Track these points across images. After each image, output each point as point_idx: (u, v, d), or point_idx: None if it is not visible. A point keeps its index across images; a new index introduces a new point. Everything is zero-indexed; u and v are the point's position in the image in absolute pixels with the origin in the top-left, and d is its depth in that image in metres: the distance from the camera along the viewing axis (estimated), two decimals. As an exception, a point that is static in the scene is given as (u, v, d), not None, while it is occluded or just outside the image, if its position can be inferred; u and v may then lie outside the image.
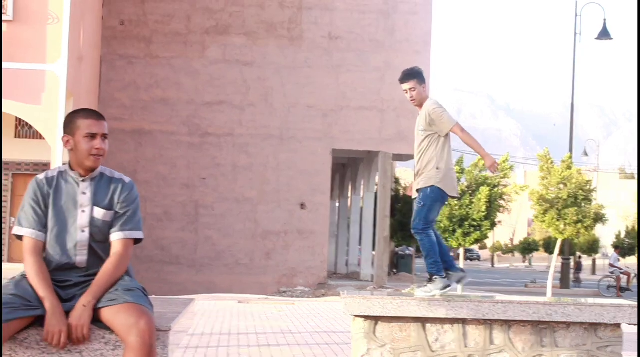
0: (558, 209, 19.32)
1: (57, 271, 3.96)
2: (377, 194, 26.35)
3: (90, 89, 22.50)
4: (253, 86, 24.49)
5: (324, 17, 24.83)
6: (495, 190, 18.96)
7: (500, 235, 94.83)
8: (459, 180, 18.72)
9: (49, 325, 3.71)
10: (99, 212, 4.02)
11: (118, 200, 4.06)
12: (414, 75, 6.00)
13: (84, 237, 3.99)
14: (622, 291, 29.02)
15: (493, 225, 19.29)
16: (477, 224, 18.71)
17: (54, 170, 4.13)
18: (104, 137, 4.05)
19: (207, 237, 24.13)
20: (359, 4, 24.92)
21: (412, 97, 6.03)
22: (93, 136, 4.01)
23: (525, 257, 78.30)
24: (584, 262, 55.77)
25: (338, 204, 34.66)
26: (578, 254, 46.29)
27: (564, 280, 32.15)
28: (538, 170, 20.50)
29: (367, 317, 5.42)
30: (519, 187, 20.06)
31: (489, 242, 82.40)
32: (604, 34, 29.92)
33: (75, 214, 4.00)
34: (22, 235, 3.97)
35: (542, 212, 19.60)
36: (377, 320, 5.43)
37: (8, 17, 17.63)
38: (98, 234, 4.02)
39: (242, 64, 24.51)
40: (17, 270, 4.38)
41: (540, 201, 19.56)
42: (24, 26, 17.83)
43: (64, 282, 3.94)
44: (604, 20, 30.32)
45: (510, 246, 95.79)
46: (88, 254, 4.00)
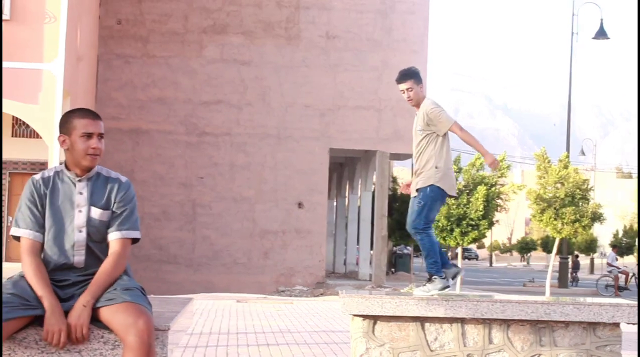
0: (555, 208, 19.34)
1: (55, 271, 3.95)
2: (374, 193, 26.35)
3: (87, 88, 22.47)
4: (250, 85, 24.48)
5: (322, 17, 24.82)
6: (493, 189, 18.95)
7: (498, 234, 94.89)
8: (457, 179, 18.70)
9: (48, 324, 3.70)
10: (96, 212, 4.01)
11: (115, 200, 4.05)
12: (411, 75, 5.99)
13: (81, 237, 3.98)
14: (620, 290, 29.04)
15: (491, 224, 19.28)
16: (474, 223, 18.69)
17: (50, 170, 4.12)
18: (100, 137, 4.04)
19: (204, 237, 24.12)
20: (356, 3, 24.92)
21: (409, 97, 6.02)
22: (89, 136, 4.00)
23: (523, 257, 78.38)
24: (582, 262, 55.76)
25: (336, 203, 34.65)
26: (575, 252, 46.26)
27: (562, 279, 32.17)
28: (535, 169, 20.50)
29: (365, 317, 5.42)
30: (517, 187, 20.04)
31: (487, 242, 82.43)
32: (601, 33, 29.96)
33: (72, 214, 3.99)
34: (19, 236, 3.97)
35: (539, 212, 19.61)
36: (375, 319, 5.43)
37: (5, 17, 17.62)
38: (95, 233, 4.01)
39: (239, 63, 24.50)
40: (15, 269, 4.36)
41: (538, 200, 19.57)
42: (21, 25, 17.82)
43: (62, 282, 3.93)
44: (601, 19, 30.36)
45: (508, 245, 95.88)
46: (86, 254, 3.99)
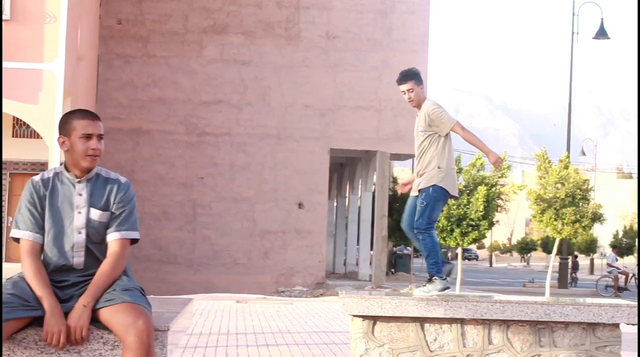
0: (556, 208, 19.32)
1: (54, 272, 3.95)
2: (374, 193, 26.34)
3: (88, 88, 22.47)
4: (250, 85, 24.48)
5: (322, 17, 24.82)
6: (493, 189, 18.93)
7: (498, 234, 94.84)
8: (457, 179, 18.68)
9: (48, 325, 3.70)
10: (95, 213, 4.01)
11: (114, 200, 4.05)
12: (412, 76, 5.99)
13: (81, 239, 3.98)
14: (620, 291, 29.01)
15: (491, 224, 19.26)
16: (475, 223, 18.68)
17: (50, 171, 4.11)
18: (100, 138, 4.04)
19: (204, 237, 24.11)
20: (357, 3, 24.92)
21: (410, 98, 6.03)
22: (89, 137, 3.99)
23: (523, 257, 78.35)
24: (582, 262, 55.77)
25: (336, 203, 34.65)
26: (575, 253, 46.25)
27: (562, 280, 32.15)
28: (535, 169, 20.47)
29: (365, 317, 5.42)
30: (517, 187, 20.02)
31: (487, 242, 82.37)
32: (601, 33, 29.94)
33: (72, 215, 3.99)
34: (19, 237, 3.96)
35: (539, 212, 19.58)
36: (375, 320, 5.43)
37: (5, 17, 17.61)
38: (95, 235, 4.01)
39: (239, 63, 24.50)
40: (15, 270, 4.36)
41: (538, 201, 19.55)
42: (22, 25, 17.81)
43: (62, 283, 3.93)
44: (601, 19, 30.34)
45: (508, 246, 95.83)
46: (85, 255, 3.99)
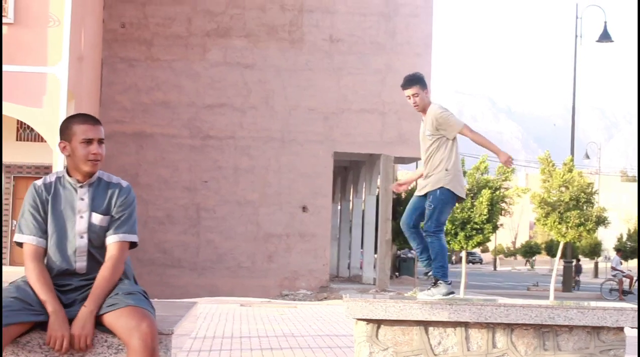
0: (560, 212, 19.31)
1: (57, 277, 3.95)
2: (378, 197, 26.32)
3: (91, 91, 22.49)
4: (254, 89, 24.48)
5: (325, 20, 24.82)
6: (497, 193, 18.93)
7: (502, 238, 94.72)
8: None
9: (52, 329, 3.70)
10: (97, 218, 4.00)
11: (115, 204, 4.05)
12: (417, 80, 6.00)
13: (83, 243, 3.98)
14: (624, 294, 28.94)
15: (495, 228, 19.26)
16: (479, 227, 18.68)
17: (52, 175, 4.11)
18: (101, 142, 4.04)
19: (208, 240, 24.11)
20: (360, 6, 24.92)
21: (415, 103, 6.03)
22: (89, 141, 3.99)
23: (528, 260, 78.24)
24: (586, 266, 55.66)
25: (340, 207, 34.62)
26: (579, 257, 46.20)
27: (566, 283, 32.11)
28: (539, 173, 20.47)
29: (369, 321, 5.41)
30: (521, 190, 20.02)
31: (491, 245, 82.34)
32: (605, 36, 29.91)
33: (74, 220, 3.99)
34: (23, 242, 3.96)
35: (544, 215, 19.58)
36: (379, 323, 5.42)
37: (9, 20, 17.62)
38: (96, 239, 4.00)
39: (243, 66, 24.50)
40: (18, 273, 4.36)
41: (542, 204, 19.54)
42: (25, 29, 17.82)
43: (65, 287, 3.93)
44: (605, 22, 30.31)
45: (512, 249, 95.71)
46: (87, 259, 3.99)
